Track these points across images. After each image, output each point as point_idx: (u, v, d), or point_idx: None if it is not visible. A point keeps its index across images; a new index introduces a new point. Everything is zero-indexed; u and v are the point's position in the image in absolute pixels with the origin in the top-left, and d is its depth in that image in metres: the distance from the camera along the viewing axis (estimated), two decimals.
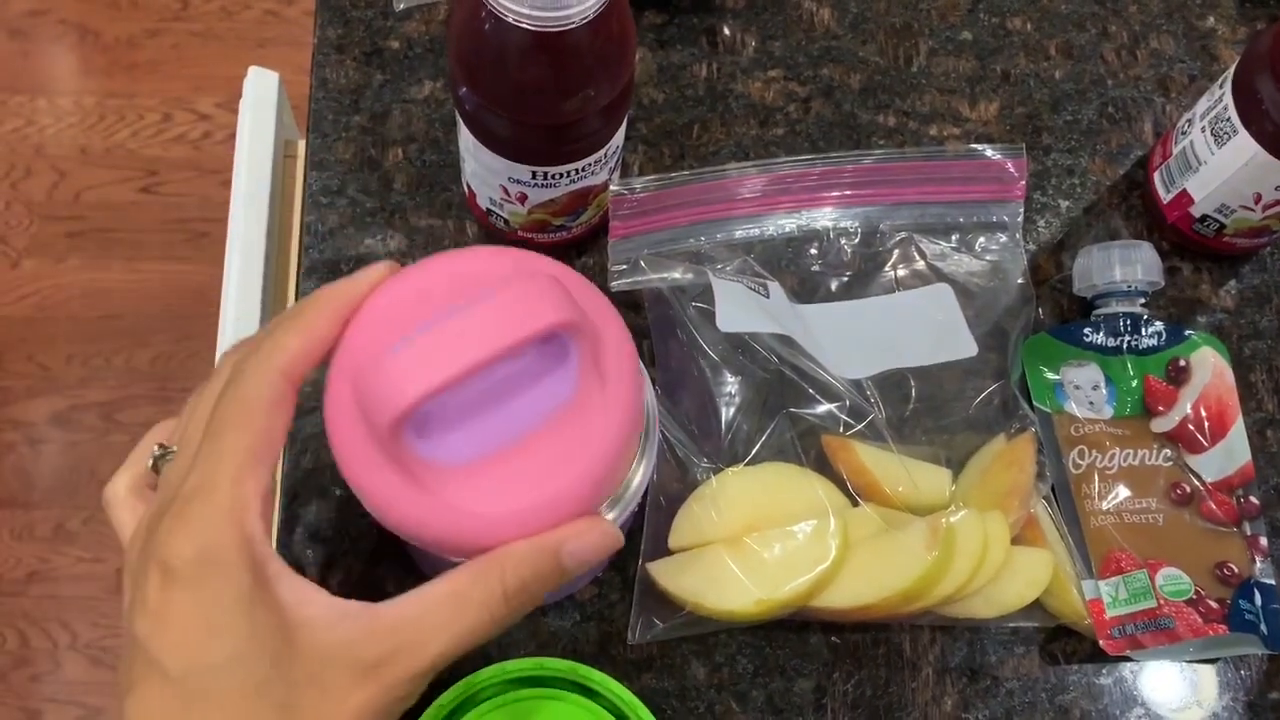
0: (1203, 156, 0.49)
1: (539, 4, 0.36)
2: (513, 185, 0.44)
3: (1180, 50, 0.57)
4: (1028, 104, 0.56)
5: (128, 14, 1.61)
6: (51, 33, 1.60)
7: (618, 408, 0.35)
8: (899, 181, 0.51)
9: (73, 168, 1.52)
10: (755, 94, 0.55)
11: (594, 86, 0.41)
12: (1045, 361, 0.49)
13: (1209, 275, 0.53)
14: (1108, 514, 0.46)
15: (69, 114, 1.55)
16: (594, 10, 0.37)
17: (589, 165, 0.44)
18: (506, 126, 0.42)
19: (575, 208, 0.47)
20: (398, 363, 0.31)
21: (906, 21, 0.57)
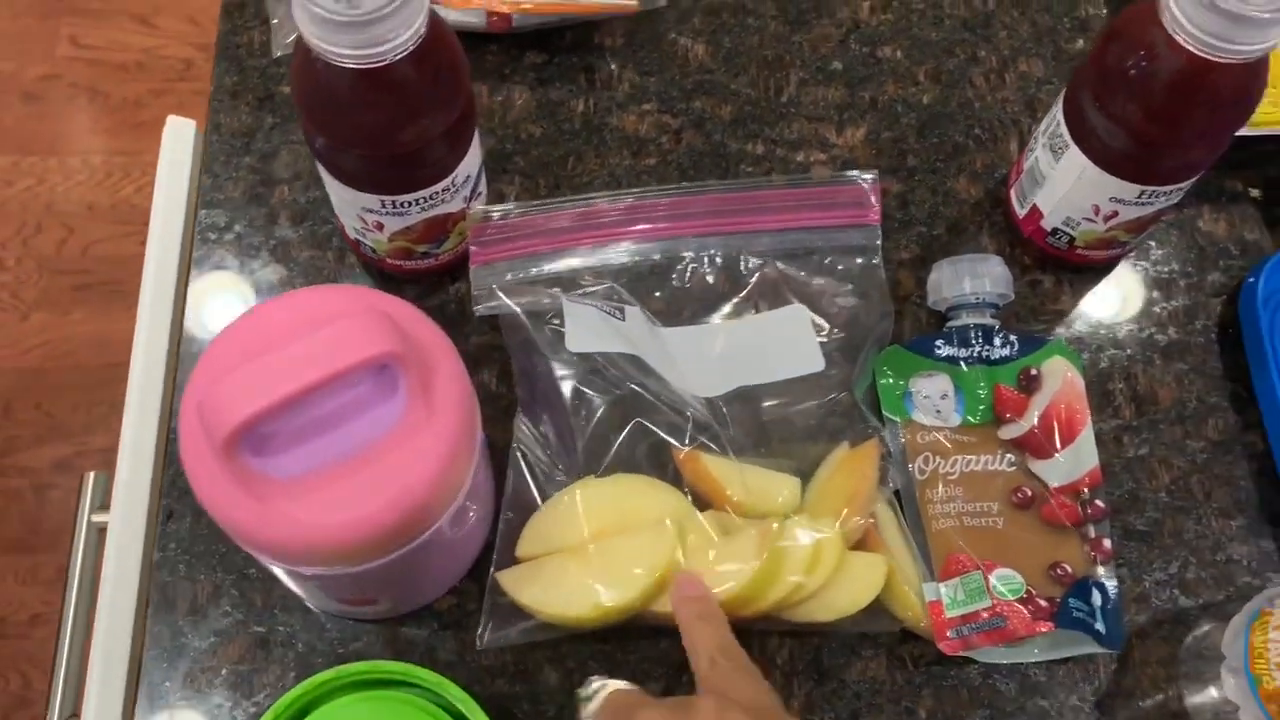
0: (1045, 172, 0.51)
1: (355, 43, 0.39)
2: (368, 214, 0.47)
3: (1048, 72, 0.59)
4: (895, 129, 0.58)
5: (135, 76, 1.68)
6: (63, 95, 1.67)
7: (444, 432, 0.38)
8: (760, 209, 0.53)
9: (81, 223, 1.58)
10: (629, 127, 0.57)
11: (427, 116, 0.43)
12: (896, 373, 0.51)
13: (1069, 287, 0.54)
14: (949, 518, 0.47)
15: (78, 172, 1.62)
16: (411, 44, 0.40)
17: (438, 193, 0.47)
18: (351, 160, 0.45)
19: (435, 235, 0.49)
20: (229, 387, 0.34)
21: (779, 54, 0.59)
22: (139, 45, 1.70)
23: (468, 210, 0.50)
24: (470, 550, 0.47)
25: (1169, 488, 0.51)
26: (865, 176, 0.52)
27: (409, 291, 0.53)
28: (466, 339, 0.52)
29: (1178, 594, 0.49)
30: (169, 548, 0.48)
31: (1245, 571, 0.50)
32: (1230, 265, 0.55)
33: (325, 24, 0.38)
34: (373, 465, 0.37)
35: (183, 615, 0.47)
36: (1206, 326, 0.54)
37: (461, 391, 0.39)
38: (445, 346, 0.39)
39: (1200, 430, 0.52)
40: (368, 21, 0.38)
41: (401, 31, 0.39)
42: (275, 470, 0.36)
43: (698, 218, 0.53)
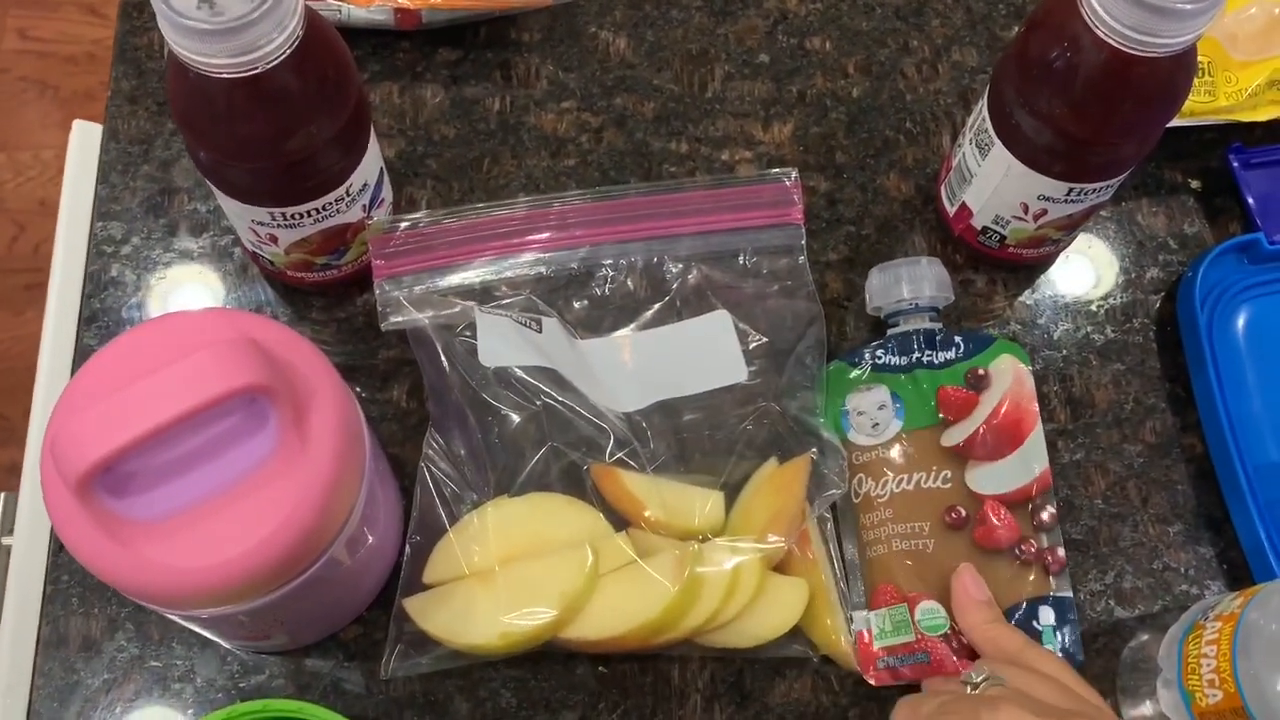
0: (973, 169, 0.49)
1: (225, 51, 0.37)
2: (259, 227, 0.45)
3: (983, 61, 0.57)
4: (823, 124, 0.56)
5: (86, 68, 1.64)
6: (11, 90, 1.63)
7: (320, 470, 0.36)
8: (681, 212, 0.51)
9: (32, 220, 1.55)
10: (548, 126, 0.55)
11: (312, 123, 0.41)
12: (835, 390, 0.49)
13: (1003, 286, 0.53)
14: (881, 543, 0.46)
15: (29, 167, 1.58)
16: (286, 49, 0.37)
17: (332, 203, 0.44)
18: (235, 172, 0.43)
19: (334, 246, 0.47)
20: (80, 425, 0.32)
21: (704, 48, 0.57)
22: (89, 36, 1.66)
23: (368, 220, 0.47)
24: (374, 577, 0.45)
25: (1105, 494, 0.49)
26: (786, 174, 0.50)
27: (315, 303, 0.51)
28: (375, 353, 0.50)
29: (1114, 604, 0.47)
30: (61, 580, 0.46)
31: (1183, 580, 0.48)
32: (1169, 260, 0.53)
33: (189, 32, 0.36)
34: (243, 502, 0.35)
35: (75, 651, 0.45)
36: (1145, 325, 0.52)
37: (342, 418, 0.37)
38: (324, 370, 0.37)
39: (1138, 433, 0.50)
40: (234, 28, 0.36)
41: (274, 36, 0.37)
42: (138, 511, 0.34)
43: (617, 222, 0.51)
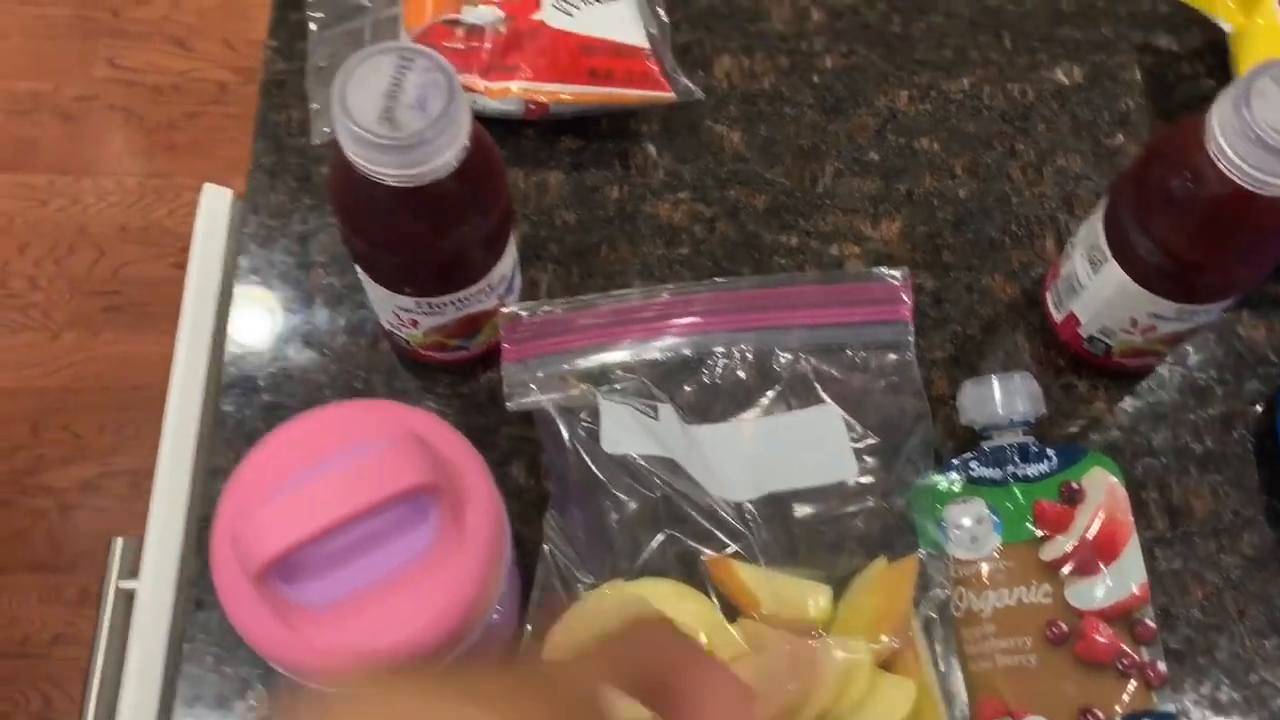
0: (1083, 281, 0.50)
1: (398, 164, 0.39)
2: (403, 312, 0.47)
3: (1087, 167, 0.59)
4: (930, 222, 0.57)
5: (170, 98, 1.70)
6: (99, 117, 1.69)
7: (475, 564, 0.38)
8: (791, 305, 0.53)
9: (113, 245, 1.60)
10: (664, 215, 0.57)
11: (467, 225, 0.43)
12: (931, 501, 0.50)
13: (1104, 392, 0.54)
14: (985, 658, 0.47)
15: (111, 193, 1.64)
16: (454, 163, 0.40)
17: (473, 294, 0.47)
18: (388, 264, 0.45)
19: (469, 330, 0.50)
20: (263, 518, 0.35)
21: (815, 144, 0.59)
22: (175, 68, 1.71)
23: (502, 306, 0.50)
24: (497, 653, 0.47)
25: (1202, 604, 0.50)
26: (895, 273, 0.52)
27: (441, 379, 0.53)
28: (496, 430, 0.52)
29: (1210, 716, 0.48)
30: (197, 638, 0.48)
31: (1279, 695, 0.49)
32: (1269, 373, 0.55)
33: (367, 145, 0.38)
34: (405, 591, 0.37)
35: (209, 709, 0.47)
36: (1243, 436, 0.53)
37: (494, 512, 0.39)
38: (478, 466, 0.39)
39: (1235, 545, 0.51)
40: (412, 145, 0.38)
41: (445, 152, 0.39)
42: (306, 597, 0.36)
43: (729, 312, 0.53)
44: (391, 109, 0.38)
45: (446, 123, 0.38)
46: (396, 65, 0.39)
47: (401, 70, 0.39)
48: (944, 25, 0.62)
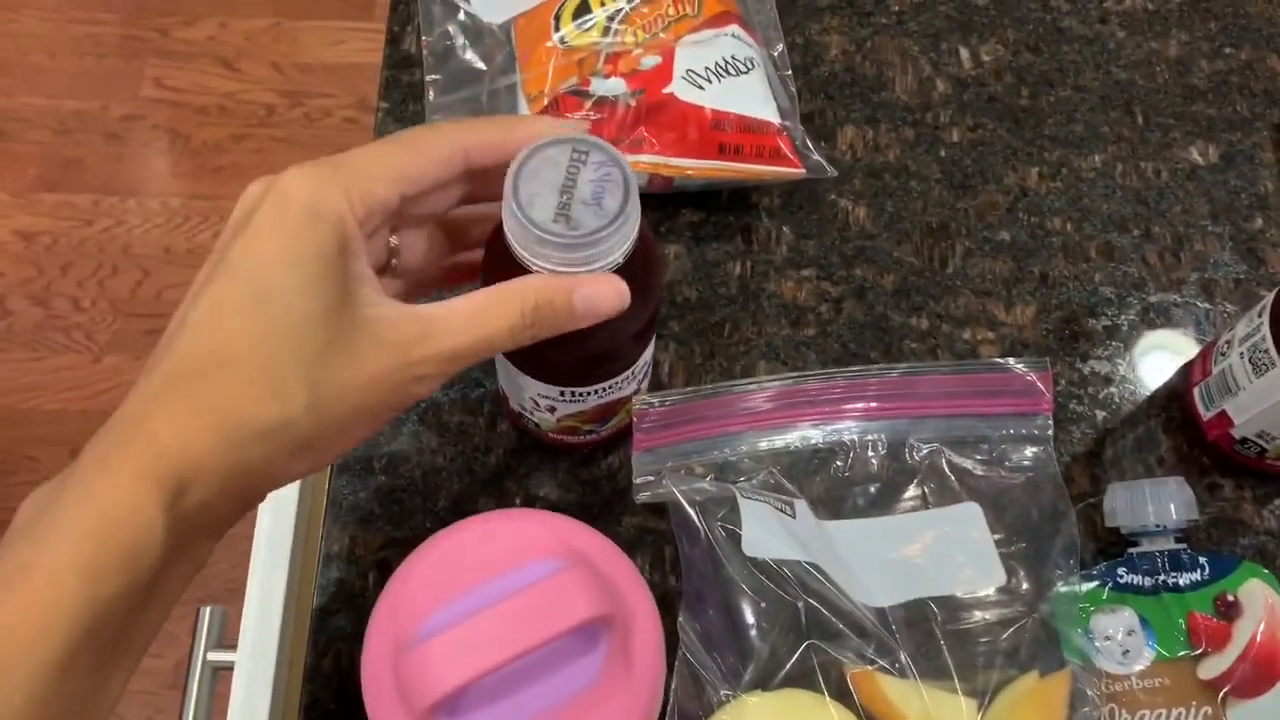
0: (1241, 382, 0.48)
1: (569, 261, 0.37)
2: (541, 399, 0.45)
3: (1225, 253, 0.57)
4: (1065, 308, 0.55)
5: (216, 120, 1.69)
6: (145, 137, 1.68)
7: (642, 693, 0.36)
8: (926, 394, 0.51)
9: (156, 266, 1.59)
10: (788, 293, 0.55)
11: (625, 320, 0.41)
12: (1076, 608, 0.48)
13: (1252, 494, 0.52)
14: None
15: (156, 215, 1.62)
16: (621, 259, 0.38)
17: (617, 383, 0.45)
18: (539, 357, 0.43)
19: (604, 416, 0.48)
20: (436, 651, 0.33)
21: (943, 221, 0.57)
22: (221, 89, 1.70)
23: (638, 392, 0.48)
24: None
25: None
26: (1041, 364, 0.50)
27: (562, 464, 0.51)
28: (619, 519, 0.50)
29: None
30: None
31: None
32: None
33: (540, 242, 0.36)
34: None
35: None
36: None
37: (660, 641, 0.37)
38: (643, 592, 0.38)
39: None
40: (585, 245, 0.36)
41: (616, 251, 0.37)
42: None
43: (862, 401, 0.51)
44: (567, 205, 0.36)
45: (622, 221, 0.36)
46: (571, 158, 0.37)
47: (576, 164, 0.37)
48: (1073, 99, 0.60)
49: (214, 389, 0.32)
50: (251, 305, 0.32)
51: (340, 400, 0.33)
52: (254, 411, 0.32)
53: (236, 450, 0.32)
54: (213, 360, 0.32)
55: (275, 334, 0.32)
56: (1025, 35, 0.62)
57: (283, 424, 0.32)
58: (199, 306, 0.33)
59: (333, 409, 0.33)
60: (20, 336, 1.54)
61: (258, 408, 0.32)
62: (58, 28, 1.76)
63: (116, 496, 0.30)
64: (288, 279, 0.33)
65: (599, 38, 0.55)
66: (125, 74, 1.71)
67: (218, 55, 1.73)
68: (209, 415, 0.32)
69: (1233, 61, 0.61)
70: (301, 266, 0.33)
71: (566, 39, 0.56)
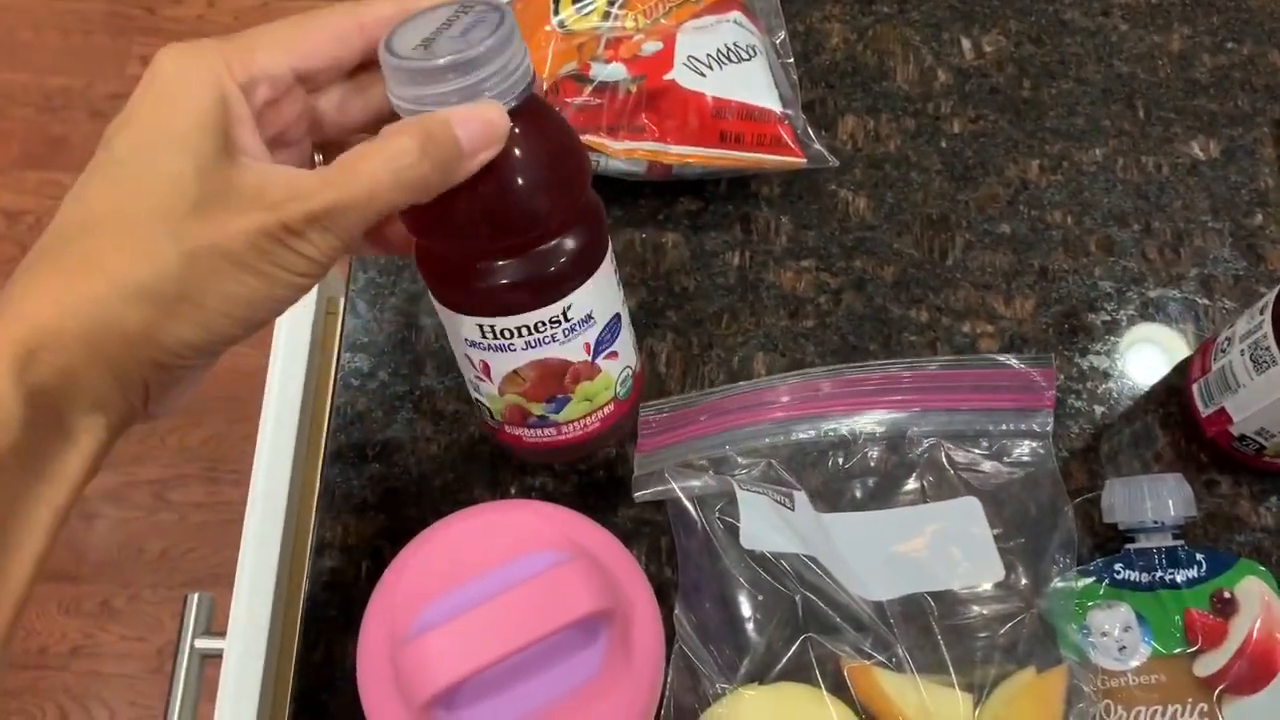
0: (1241, 380, 0.48)
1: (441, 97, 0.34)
2: (471, 351, 0.42)
3: (1225, 249, 0.56)
4: (1065, 302, 0.55)
5: None
6: None
7: (642, 685, 0.36)
8: (926, 388, 0.51)
9: None
10: (786, 284, 0.55)
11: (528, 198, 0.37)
12: (1073, 604, 0.48)
13: (1249, 490, 0.52)
14: None
15: None
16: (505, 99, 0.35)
17: (546, 323, 0.40)
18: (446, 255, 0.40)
19: (551, 391, 0.43)
20: (434, 645, 0.32)
21: (944, 213, 0.57)
22: None
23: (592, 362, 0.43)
24: None
25: None
26: (1044, 360, 0.50)
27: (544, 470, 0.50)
28: (615, 511, 0.50)
29: None
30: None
31: None
32: None
33: (404, 74, 0.34)
34: (569, 716, 0.35)
35: None
36: None
37: (659, 630, 0.37)
38: (642, 584, 0.37)
39: None
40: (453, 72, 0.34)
41: (492, 81, 0.34)
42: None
43: (862, 395, 0.51)
44: (432, 40, 0.34)
45: (492, 51, 0.34)
46: (452, 13, 0.35)
47: (457, 16, 0.35)
48: (1075, 91, 0.60)
49: (75, 253, 0.31)
50: (117, 171, 0.32)
51: (211, 255, 0.32)
52: (115, 270, 0.31)
53: (98, 311, 0.31)
54: (77, 228, 0.32)
55: (140, 193, 0.32)
56: (1027, 26, 0.62)
57: (150, 281, 0.31)
58: (74, 187, 0.33)
59: (204, 264, 0.32)
60: None
61: (120, 266, 0.31)
62: (43, 3, 1.73)
63: None
64: (156, 140, 0.32)
65: (599, 22, 0.55)
66: (111, 51, 1.69)
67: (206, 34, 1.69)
68: (65, 280, 0.31)
69: (1234, 56, 0.61)
70: (171, 126, 0.32)
71: (566, 23, 0.55)
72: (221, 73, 0.33)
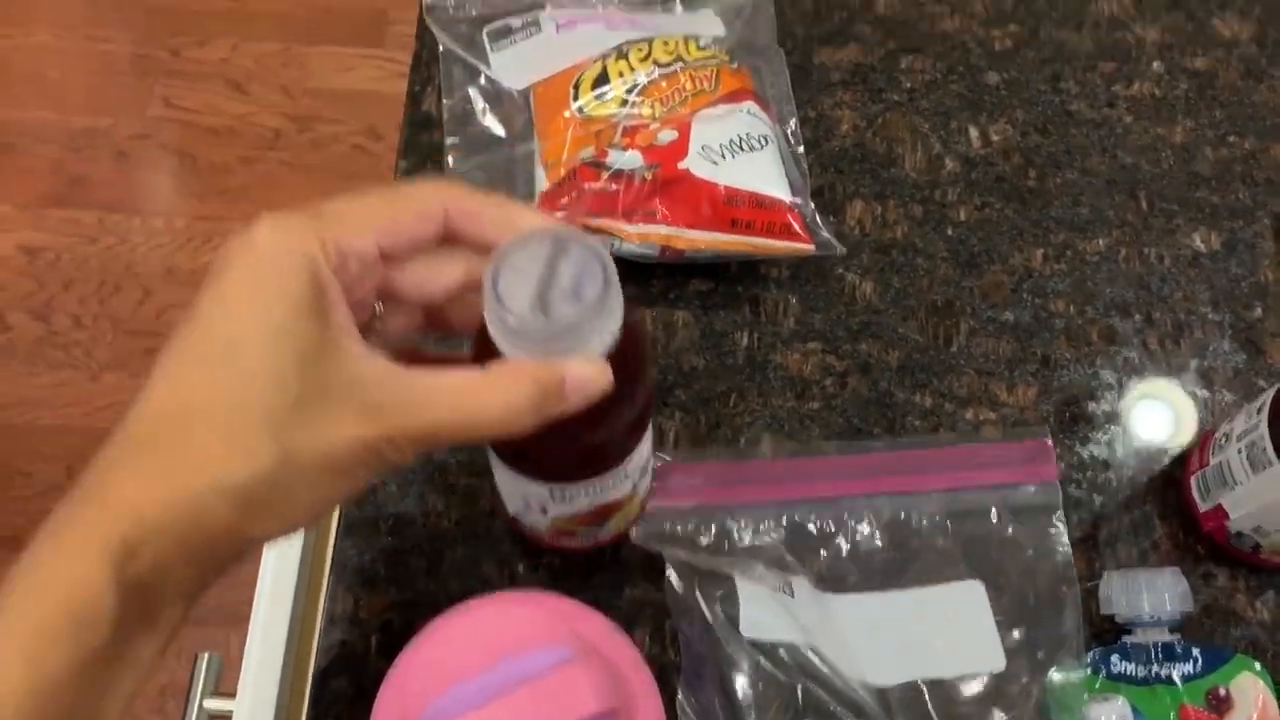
0: (1238, 478, 0.49)
1: (548, 351, 0.36)
2: (533, 499, 0.45)
3: (1225, 341, 0.58)
4: (1066, 390, 0.56)
5: (226, 141, 1.70)
6: (153, 156, 1.69)
7: None
8: (930, 468, 0.52)
9: (158, 286, 1.59)
10: (793, 365, 0.56)
11: (610, 414, 0.40)
12: (1070, 695, 0.48)
13: (1245, 585, 0.52)
14: None
15: (160, 234, 1.63)
16: (602, 349, 0.37)
17: (609, 483, 0.44)
18: (523, 451, 0.42)
19: (599, 519, 0.47)
20: None
21: (949, 299, 0.58)
22: (231, 111, 1.71)
23: (635, 494, 0.47)
24: None
25: None
26: (1040, 432, 0.51)
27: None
28: (620, 592, 0.51)
29: None
30: None
31: None
32: None
33: (519, 334, 0.35)
34: None
35: None
36: None
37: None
38: (642, 673, 0.38)
39: None
40: (562, 334, 0.35)
41: (595, 338, 0.36)
42: None
43: (866, 476, 0.52)
44: (545, 295, 0.36)
45: (600, 309, 0.36)
46: (551, 251, 0.37)
47: (556, 257, 0.37)
48: (1080, 182, 0.61)
49: (172, 446, 0.30)
50: (216, 356, 0.31)
51: (311, 461, 0.31)
52: (216, 468, 0.30)
53: (195, 509, 0.30)
54: (172, 417, 0.31)
55: (240, 386, 0.31)
56: (1034, 116, 0.63)
57: (248, 481, 0.31)
58: (162, 362, 0.32)
59: (302, 469, 0.31)
60: (20, 351, 1.54)
61: (220, 464, 0.30)
62: (72, 44, 1.77)
63: (62, 565, 0.29)
64: (255, 327, 0.31)
65: (617, 109, 0.56)
66: (136, 92, 1.72)
67: (228, 77, 1.74)
68: (165, 474, 0.30)
69: (1236, 150, 0.63)
70: (269, 314, 0.31)
71: (585, 108, 0.57)
72: (317, 253, 0.33)
